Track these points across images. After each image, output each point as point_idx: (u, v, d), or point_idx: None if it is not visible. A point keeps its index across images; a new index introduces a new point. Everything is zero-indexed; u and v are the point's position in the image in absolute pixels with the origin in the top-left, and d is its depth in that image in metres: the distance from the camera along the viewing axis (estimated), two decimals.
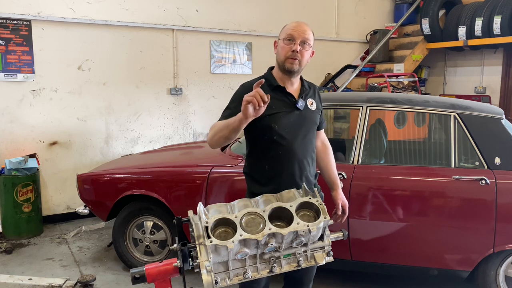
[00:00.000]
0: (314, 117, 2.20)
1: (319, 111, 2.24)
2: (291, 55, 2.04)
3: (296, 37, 2.03)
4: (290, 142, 2.09)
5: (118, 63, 5.03)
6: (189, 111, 5.60)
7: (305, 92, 2.18)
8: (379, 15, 7.36)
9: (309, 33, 2.07)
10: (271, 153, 2.10)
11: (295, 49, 2.02)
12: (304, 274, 2.28)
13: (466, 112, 3.02)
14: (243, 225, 1.70)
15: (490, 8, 5.89)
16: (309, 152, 2.18)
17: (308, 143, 2.17)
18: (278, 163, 2.10)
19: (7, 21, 4.36)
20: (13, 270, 3.66)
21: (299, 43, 2.03)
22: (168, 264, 1.72)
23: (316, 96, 2.25)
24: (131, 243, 3.61)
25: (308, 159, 2.17)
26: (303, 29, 2.06)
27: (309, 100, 2.18)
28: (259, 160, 2.15)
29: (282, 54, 2.06)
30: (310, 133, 2.18)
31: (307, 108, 2.16)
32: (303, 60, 2.07)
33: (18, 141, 4.55)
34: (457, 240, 2.91)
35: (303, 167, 2.14)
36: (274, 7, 6.11)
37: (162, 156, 4.08)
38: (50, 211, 4.81)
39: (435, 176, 3.00)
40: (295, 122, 2.11)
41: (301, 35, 2.04)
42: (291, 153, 2.10)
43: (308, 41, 2.06)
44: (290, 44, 2.04)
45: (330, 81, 6.67)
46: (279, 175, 2.10)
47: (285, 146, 2.09)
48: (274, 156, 2.10)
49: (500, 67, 6.49)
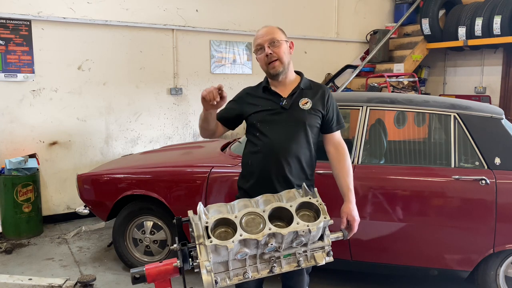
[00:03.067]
0: (305, 117, 2.14)
1: (317, 112, 2.17)
2: (268, 60, 2.14)
3: (263, 42, 2.15)
4: (270, 139, 2.13)
5: (118, 63, 5.03)
6: (189, 111, 5.60)
7: (299, 91, 2.17)
8: (379, 15, 7.36)
9: (272, 32, 2.16)
10: (254, 149, 2.19)
11: (267, 53, 2.12)
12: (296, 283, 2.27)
13: (466, 112, 3.02)
14: (243, 225, 1.70)
15: (490, 8, 5.89)
16: (294, 152, 2.12)
17: (293, 142, 2.12)
18: (258, 159, 2.16)
19: (7, 21, 4.36)
20: (13, 270, 3.66)
21: (268, 45, 2.13)
22: (168, 264, 1.72)
23: (317, 96, 2.19)
24: (131, 243, 3.61)
25: (291, 159, 2.11)
26: (265, 32, 2.16)
27: (302, 99, 2.16)
28: (246, 155, 2.26)
29: (263, 64, 2.18)
30: (297, 133, 2.13)
31: (297, 107, 2.14)
32: (282, 56, 2.14)
33: (18, 141, 4.55)
34: (457, 240, 2.91)
35: (282, 166, 2.10)
36: (274, 7, 6.10)
37: (162, 156, 4.08)
38: (50, 211, 4.81)
39: (435, 176, 3.00)
40: (279, 120, 2.14)
41: (266, 38, 2.14)
42: (271, 151, 2.13)
43: (275, 39, 2.14)
44: (262, 52, 2.15)
45: (330, 81, 6.67)
46: (257, 171, 2.16)
47: (265, 143, 2.14)
48: (256, 152, 2.18)
49: (500, 67, 6.49)
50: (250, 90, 2.32)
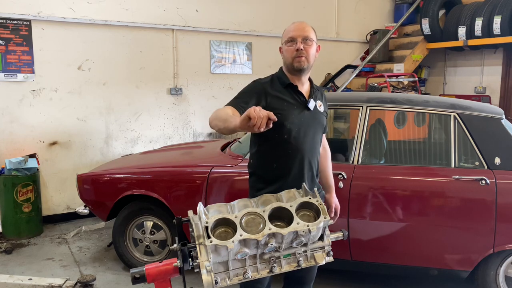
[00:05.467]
0: (323, 119, 2.24)
1: (326, 114, 2.28)
2: (296, 54, 2.07)
3: (297, 36, 2.08)
4: (300, 141, 2.11)
5: (118, 63, 5.03)
6: (189, 111, 5.60)
7: (315, 94, 2.21)
8: (379, 15, 7.36)
9: (308, 30, 2.11)
10: (281, 151, 2.11)
11: (299, 48, 2.06)
12: (306, 273, 2.28)
13: (466, 112, 3.02)
14: (243, 225, 1.69)
15: (490, 8, 5.89)
16: (317, 153, 2.22)
17: (316, 144, 2.20)
18: (287, 162, 2.12)
19: (7, 21, 4.36)
20: (13, 270, 3.66)
21: (301, 41, 2.07)
22: (168, 264, 1.71)
23: (323, 99, 2.29)
24: (131, 243, 3.61)
25: (316, 160, 2.21)
26: (301, 28, 2.11)
27: (318, 102, 2.21)
28: (267, 158, 2.15)
29: (288, 56, 2.10)
30: (318, 134, 2.22)
31: (316, 109, 2.19)
32: (310, 55, 2.10)
33: (18, 141, 4.55)
34: (457, 240, 2.91)
35: (311, 167, 2.17)
36: (274, 7, 6.11)
37: (162, 156, 4.08)
38: (50, 211, 4.81)
39: (435, 176, 3.00)
40: (305, 122, 2.13)
41: (301, 34, 2.08)
42: (301, 152, 2.12)
43: (309, 37, 2.09)
44: (293, 45, 2.08)
45: (330, 81, 6.67)
46: (287, 174, 2.12)
47: (294, 145, 2.10)
48: (283, 155, 2.12)
49: (500, 67, 6.49)
50: (266, 85, 2.13)
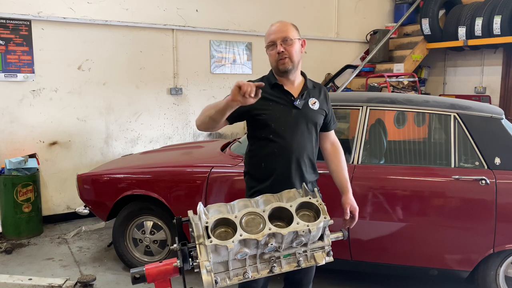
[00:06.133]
0: (316, 117, 2.19)
1: (323, 112, 2.24)
2: (279, 57, 2.11)
3: (276, 39, 2.11)
4: (286, 140, 2.11)
5: (118, 63, 5.03)
6: (189, 111, 5.60)
7: (307, 91, 2.19)
8: (379, 15, 7.36)
9: (286, 29, 2.12)
10: (267, 151, 2.14)
11: (279, 51, 2.09)
12: (304, 275, 2.28)
13: (466, 112, 3.02)
14: (243, 225, 1.70)
15: (490, 8, 5.89)
16: (307, 152, 2.18)
17: (306, 142, 2.17)
18: (273, 161, 2.13)
19: (7, 21, 4.36)
20: (13, 270, 3.66)
21: (281, 43, 2.10)
22: (168, 264, 1.72)
23: (321, 96, 2.26)
24: (131, 243, 3.61)
25: (305, 159, 2.17)
26: (279, 29, 2.12)
27: (311, 99, 2.19)
28: (256, 157, 2.19)
29: (272, 60, 2.16)
30: (309, 133, 2.18)
31: (307, 107, 2.17)
32: (292, 55, 2.11)
33: (18, 141, 4.55)
34: (457, 240, 2.91)
35: (299, 166, 2.15)
36: (274, 7, 6.10)
37: (162, 156, 4.08)
38: (50, 211, 4.81)
39: (435, 176, 3.00)
40: (292, 120, 2.13)
41: (280, 35, 2.11)
42: (287, 151, 2.11)
43: (288, 37, 2.10)
44: (274, 49, 2.12)
45: (330, 81, 6.67)
46: (273, 174, 2.12)
47: (281, 144, 2.11)
48: (269, 154, 2.13)
49: (500, 67, 6.49)
50: None
